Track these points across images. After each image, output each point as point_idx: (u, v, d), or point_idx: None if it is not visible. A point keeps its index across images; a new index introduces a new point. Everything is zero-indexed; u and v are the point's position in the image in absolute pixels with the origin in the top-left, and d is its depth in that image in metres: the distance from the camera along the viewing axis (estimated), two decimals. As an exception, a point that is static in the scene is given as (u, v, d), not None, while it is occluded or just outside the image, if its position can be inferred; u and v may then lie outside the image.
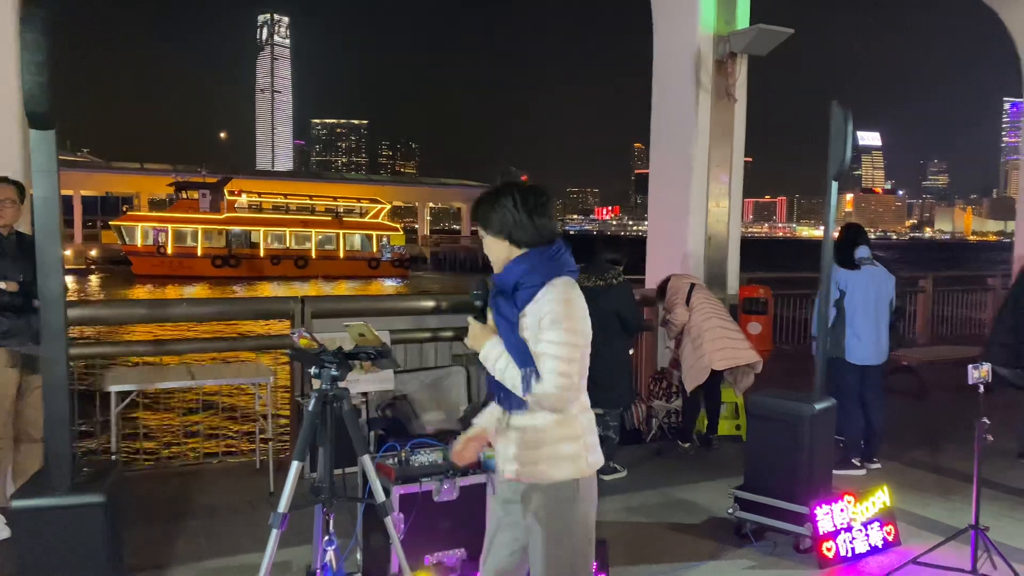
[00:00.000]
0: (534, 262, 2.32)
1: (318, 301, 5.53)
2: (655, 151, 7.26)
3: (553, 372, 2.24)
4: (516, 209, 2.34)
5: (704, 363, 5.78)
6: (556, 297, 2.29)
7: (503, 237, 2.36)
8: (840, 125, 4.16)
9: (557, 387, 2.25)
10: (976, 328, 11.70)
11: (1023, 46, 9.31)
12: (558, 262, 2.35)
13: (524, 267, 2.32)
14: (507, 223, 2.35)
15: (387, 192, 63.79)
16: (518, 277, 2.32)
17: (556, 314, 2.26)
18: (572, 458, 2.36)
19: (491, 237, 2.38)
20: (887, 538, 4.18)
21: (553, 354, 2.25)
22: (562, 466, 2.35)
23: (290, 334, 2.74)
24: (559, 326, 2.26)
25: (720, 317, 5.92)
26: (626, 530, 4.39)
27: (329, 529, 2.70)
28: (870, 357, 5.57)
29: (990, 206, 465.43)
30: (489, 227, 2.38)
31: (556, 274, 2.33)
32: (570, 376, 2.26)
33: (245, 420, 7.07)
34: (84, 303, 5.94)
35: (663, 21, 7.07)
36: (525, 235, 2.35)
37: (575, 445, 2.36)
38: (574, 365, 2.27)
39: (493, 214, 2.36)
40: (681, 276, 6.20)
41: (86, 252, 47.82)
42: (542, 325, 2.27)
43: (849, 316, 5.50)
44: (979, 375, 3.74)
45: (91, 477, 2.89)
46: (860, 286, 5.50)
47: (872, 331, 5.55)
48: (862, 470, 5.54)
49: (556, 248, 2.37)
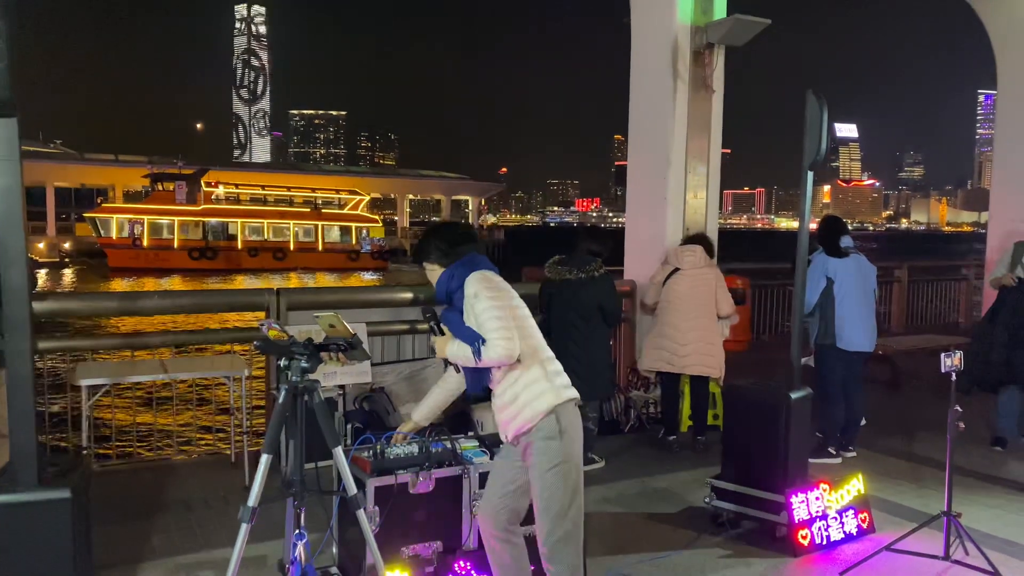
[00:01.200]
0: (453, 271, 2.99)
1: (293, 293, 5.46)
2: (633, 142, 7.25)
3: (492, 330, 2.79)
4: (441, 242, 3.06)
5: (643, 355, 5.83)
6: (472, 281, 2.91)
7: (437, 263, 3.05)
8: (815, 115, 4.16)
9: (498, 339, 2.78)
10: (950, 317, 11.85)
11: (997, 39, 9.39)
12: (470, 264, 2.98)
13: (447, 274, 3.00)
14: (439, 252, 3.06)
15: (366, 184, 63.47)
16: (446, 285, 2.99)
17: (476, 291, 2.87)
18: (542, 393, 2.88)
19: (431, 265, 3.08)
20: (861, 525, 4.21)
21: (487, 317, 2.81)
22: (536, 404, 2.86)
23: (258, 325, 2.69)
24: (481, 297, 2.85)
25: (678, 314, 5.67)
26: (604, 520, 4.39)
27: (300, 523, 2.67)
28: (863, 343, 5.59)
29: (964, 197, 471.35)
30: (429, 258, 3.08)
31: (471, 271, 2.95)
32: (507, 328, 2.81)
33: (220, 413, 7.00)
34: (53, 295, 5.84)
35: (641, 12, 7.05)
36: (448, 259, 3.04)
37: (541, 383, 2.89)
38: (505, 320, 2.83)
39: (431, 249, 3.08)
40: (681, 252, 5.84)
41: (60, 245, 47.15)
42: (473, 307, 2.86)
43: (840, 304, 5.50)
44: (952, 363, 3.77)
45: (58, 472, 2.83)
46: (849, 274, 5.53)
47: (863, 317, 5.58)
48: (837, 458, 5.58)
49: (468, 258, 3.01)
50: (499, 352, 2.78)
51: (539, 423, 2.85)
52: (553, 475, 2.86)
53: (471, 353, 2.82)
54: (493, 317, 2.81)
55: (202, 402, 7.17)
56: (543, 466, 2.86)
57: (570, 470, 2.89)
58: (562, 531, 2.89)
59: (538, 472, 2.88)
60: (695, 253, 5.79)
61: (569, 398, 2.94)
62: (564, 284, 5.27)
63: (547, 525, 2.89)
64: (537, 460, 2.88)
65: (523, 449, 2.94)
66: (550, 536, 2.89)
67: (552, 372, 2.97)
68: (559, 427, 2.86)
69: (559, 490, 2.87)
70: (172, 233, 43.43)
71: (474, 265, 2.99)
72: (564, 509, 2.88)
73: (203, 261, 42.88)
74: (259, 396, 6.17)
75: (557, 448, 2.85)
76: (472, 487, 3.49)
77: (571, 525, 2.91)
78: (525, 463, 2.94)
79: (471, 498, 3.49)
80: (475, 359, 2.81)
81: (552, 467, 2.86)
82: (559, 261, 5.36)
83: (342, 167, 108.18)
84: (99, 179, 58.52)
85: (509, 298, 2.94)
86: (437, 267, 3.05)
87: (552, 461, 2.86)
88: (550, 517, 2.88)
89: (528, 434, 2.88)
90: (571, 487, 2.89)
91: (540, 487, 2.88)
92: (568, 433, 2.88)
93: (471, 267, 2.97)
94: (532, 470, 2.90)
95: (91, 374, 4.61)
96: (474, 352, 2.81)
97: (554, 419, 2.86)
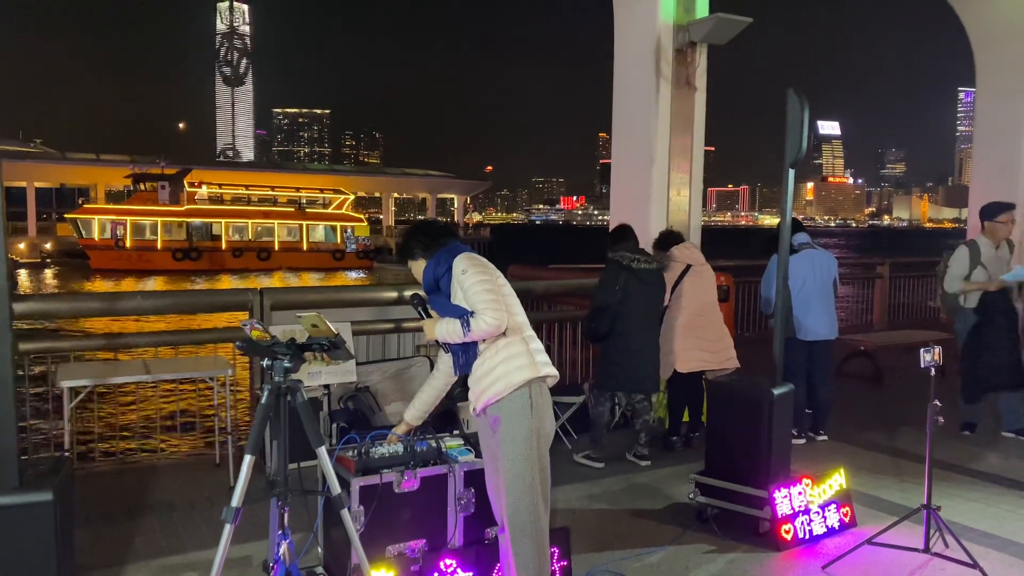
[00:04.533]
0: (438, 258, 3.07)
1: (277, 293, 5.44)
2: (617, 141, 7.28)
3: (481, 302, 2.87)
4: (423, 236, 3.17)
5: (671, 360, 5.66)
6: (461, 259, 3.00)
7: (421, 256, 3.14)
8: (797, 113, 4.19)
9: (487, 309, 2.85)
10: (931, 313, 11.96)
11: (975, 37, 9.50)
12: (452, 250, 3.07)
13: (432, 262, 3.07)
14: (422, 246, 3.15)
15: (351, 182, 63.23)
16: (433, 271, 3.06)
17: (465, 268, 2.96)
18: (520, 367, 2.94)
19: (415, 261, 3.17)
20: (843, 519, 4.26)
21: (476, 291, 2.90)
22: (512, 376, 2.92)
23: (241, 325, 2.68)
24: (469, 273, 2.94)
25: (700, 313, 5.70)
26: (589, 517, 4.41)
27: (284, 523, 2.67)
28: (822, 332, 5.85)
29: (945, 194, 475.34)
30: (413, 255, 3.17)
31: (454, 256, 3.03)
32: (495, 300, 2.88)
33: (204, 414, 6.96)
34: (34, 296, 5.79)
35: (624, 10, 7.08)
36: (430, 252, 3.13)
37: (521, 358, 2.96)
38: (494, 293, 2.91)
39: (413, 245, 3.17)
40: (686, 249, 5.82)
41: (41, 245, 46.69)
42: (462, 283, 2.94)
43: (795, 297, 5.76)
44: (931, 358, 3.81)
45: (40, 474, 2.81)
46: (801, 269, 5.78)
47: (820, 308, 5.84)
48: (802, 439, 5.79)
49: (451, 246, 3.09)
50: (488, 323, 2.84)
51: (511, 394, 2.91)
52: (520, 448, 2.91)
53: (460, 327, 2.88)
54: (482, 291, 2.89)
55: (185, 402, 7.13)
56: (511, 438, 2.92)
57: (538, 444, 2.95)
58: (527, 503, 2.93)
59: (505, 445, 2.93)
60: (697, 249, 5.92)
61: (547, 374, 3.01)
62: (646, 273, 5.28)
63: (510, 497, 2.94)
64: (505, 433, 2.93)
65: (490, 423, 3.00)
66: (513, 509, 2.94)
67: (534, 349, 3.03)
68: (531, 402, 2.92)
69: (524, 463, 2.92)
70: (155, 234, 43.12)
71: (458, 250, 3.07)
72: (529, 483, 2.93)
73: (187, 262, 42.61)
74: (243, 394, 6.15)
75: (527, 421, 2.92)
76: (457, 486, 3.50)
77: (536, 498, 2.95)
78: (495, 438, 2.99)
79: (456, 496, 3.50)
80: (463, 332, 2.87)
81: (521, 439, 2.91)
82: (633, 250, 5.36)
83: (326, 166, 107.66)
84: (80, 179, 57.97)
85: (496, 275, 3.03)
86: (422, 260, 3.13)
87: (522, 433, 2.91)
88: (515, 490, 2.93)
89: (497, 405, 2.94)
90: (536, 461, 2.94)
91: (506, 460, 2.93)
92: (538, 409, 2.95)
93: (455, 252, 3.06)
94: (500, 445, 2.95)
95: (73, 375, 4.57)
96: (463, 324, 2.87)
97: (526, 392, 2.92)
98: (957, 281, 6.04)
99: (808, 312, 5.81)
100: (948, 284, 6.11)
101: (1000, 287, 5.91)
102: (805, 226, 6.25)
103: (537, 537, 2.97)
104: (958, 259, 6.05)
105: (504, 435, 2.94)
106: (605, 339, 5.34)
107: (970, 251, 6.02)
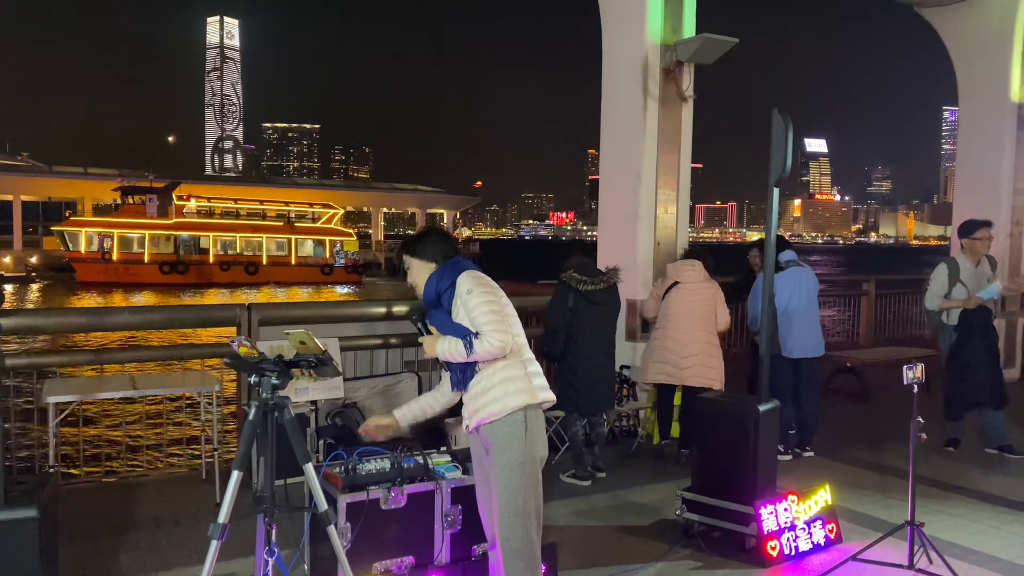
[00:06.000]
0: (442, 272, 3.05)
1: (265, 308, 5.44)
2: (605, 157, 7.33)
3: (486, 323, 2.87)
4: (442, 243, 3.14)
5: (645, 368, 5.91)
6: (465, 278, 2.97)
7: (430, 260, 3.10)
8: (781, 132, 4.25)
9: (493, 331, 2.86)
10: (917, 329, 12.05)
11: (955, 54, 9.64)
12: (458, 266, 3.05)
13: (436, 275, 3.04)
14: (437, 251, 3.12)
15: (340, 197, 63.19)
16: (435, 285, 3.03)
17: (470, 287, 2.94)
18: (518, 391, 2.94)
19: (424, 262, 3.11)
20: (829, 536, 4.28)
21: (481, 311, 2.89)
22: (509, 399, 2.92)
23: (229, 342, 2.69)
24: (475, 293, 2.92)
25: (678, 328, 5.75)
26: (576, 533, 4.41)
27: (271, 539, 2.67)
28: (806, 350, 5.92)
29: (931, 211, 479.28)
30: (426, 254, 3.12)
31: (460, 271, 3.01)
32: (500, 322, 2.89)
33: (191, 430, 6.92)
34: (20, 312, 5.76)
35: (611, 30, 7.16)
36: (440, 260, 3.10)
37: (519, 382, 2.96)
38: (498, 314, 2.91)
39: (431, 246, 3.13)
40: (681, 266, 5.91)
41: (27, 259, 46.35)
42: (465, 303, 2.92)
43: (780, 315, 5.81)
44: (913, 376, 3.86)
45: (25, 491, 2.80)
46: (787, 287, 5.84)
47: (805, 326, 5.90)
48: (788, 455, 5.83)
49: (455, 260, 3.08)
50: (493, 344, 2.86)
51: (505, 417, 2.92)
52: (514, 473, 2.92)
53: (463, 347, 2.88)
54: (488, 311, 2.89)
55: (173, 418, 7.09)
56: (505, 462, 2.93)
57: (532, 469, 2.96)
58: (519, 527, 2.94)
59: (499, 470, 2.94)
60: (695, 268, 5.90)
61: (543, 400, 3.03)
62: (594, 295, 5.32)
63: (503, 520, 2.95)
64: (499, 458, 2.94)
65: (483, 442, 3.01)
66: (506, 533, 2.94)
67: (532, 372, 3.04)
68: (525, 426, 2.93)
69: (518, 488, 2.92)
70: (142, 247, 42.90)
71: (461, 266, 3.06)
72: (522, 506, 2.94)
73: (174, 276, 42.38)
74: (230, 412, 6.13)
75: (521, 446, 2.92)
76: (444, 502, 3.50)
77: (529, 521, 2.96)
78: (487, 458, 3.01)
79: (443, 513, 3.51)
80: (466, 352, 2.87)
81: (515, 464, 2.92)
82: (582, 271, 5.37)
83: (316, 180, 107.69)
84: (68, 192, 57.66)
85: (500, 295, 3.04)
86: (428, 265, 3.10)
87: (516, 458, 2.92)
88: (508, 513, 2.94)
89: (491, 427, 2.94)
90: (531, 485, 2.96)
91: (501, 483, 2.94)
92: (532, 434, 2.95)
93: (459, 268, 3.04)
94: (494, 468, 2.97)
95: (59, 391, 4.55)
96: (466, 345, 2.87)
97: (522, 416, 2.93)
98: (936, 299, 6.12)
99: (793, 330, 5.87)
100: (928, 301, 6.21)
101: (977, 304, 5.96)
102: (792, 243, 6.32)
103: (529, 560, 2.98)
104: (937, 277, 6.13)
105: (498, 459, 2.95)
106: (561, 359, 5.40)
107: (949, 268, 6.08)
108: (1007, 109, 9.06)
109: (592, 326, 5.34)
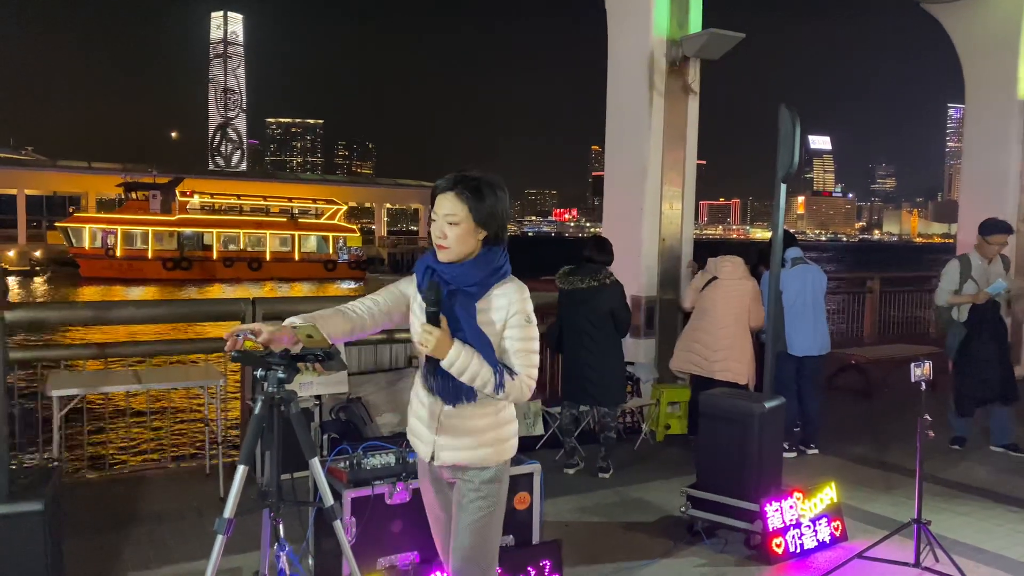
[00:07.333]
0: (502, 257, 2.36)
1: (270, 302, 5.44)
2: (610, 154, 7.31)
3: (529, 366, 2.34)
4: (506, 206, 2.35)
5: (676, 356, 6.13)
6: (524, 296, 2.35)
7: (484, 229, 2.31)
8: (788, 128, 4.23)
9: (532, 378, 2.35)
10: (921, 327, 12.02)
11: (962, 52, 9.60)
12: (508, 263, 2.40)
13: (496, 255, 2.34)
14: (499, 216, 2.32)
15: (343, 193, 63.18)
16: (493, 264, 2.33)
17: (527, 313, 2.34)
18: (512, 436, 2.52)
19: (474, 225, 2.29)
20: (834, 533, 4.26)
21: (529, 348, 2.33)
22: (504, 448, 2.49)
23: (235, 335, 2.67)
24: (531, 323, 2.35)
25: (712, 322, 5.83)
26: (580, 530, 4.40)
27: (279, 534, 2.66)
28: (811, 348, 5.93)
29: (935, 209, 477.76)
30: (491, 212, 2.30)
31: (508, 271, 2.39)
32: (537, 368, 2.37)
33: (195, 424, 6.92)
34: (26, 305, 5.77)
35: (617, 25, 7.13)
36: (503, 232, 2.36)
37: (511, 428, 2.52)
38: (538, 355, 2.38)
39: (493, 204, 2.30)
40: (720, 261, 5.97)
41: (30, 253, 46.43)
42: (512, 322, 2.33)
43: (787, 312, 5.82)
44: (921, 373, 3.84)
45: (29, 485, 2.80)
46: (794, 284, 5.86)
47: (811, 324, 5.92)
48: (792, 453, 5.82)
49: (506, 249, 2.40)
50: (525, 394, 2.36)
51: (495, 468, 2.50)
52: (487, 520, 2.50)
53: (491, 380, 2.28)
54: (534, 351, 2.35)
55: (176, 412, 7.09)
56: (479, 509, 2.49)
57: (500, 515, 2.56)
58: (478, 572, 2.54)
59: (470, 513, 2.48)
60: (734, 263, 5.98)
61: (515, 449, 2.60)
62: (575, 292, 5.41)
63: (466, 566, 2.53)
64: (473, 501, 2.48)
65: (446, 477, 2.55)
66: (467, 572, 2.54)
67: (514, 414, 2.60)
68: (506, 479, 2.57)
69: (487, 534, 2.52)
70: (146, 243, 42.98)
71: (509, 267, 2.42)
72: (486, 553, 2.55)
73: (177, 271, 42.46)
74: (234, 404, 6.13)
75: (496, 493, 2.51)
76: (449, 497, 3.49)
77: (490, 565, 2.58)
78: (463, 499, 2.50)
79: (448, 508, 3.49)
80: (495, 391, 2.30)
81: (488, 512, 2.50)
82: (569, 271, 5.49)
83: (319, 176, 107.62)
84: (71, 187, 57.70)
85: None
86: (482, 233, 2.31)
87: (489, 506, 2.50)
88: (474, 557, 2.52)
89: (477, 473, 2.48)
90: (496, 531, 2.57)
91: (470, 528, 2.49)
92: (505, 481, 2.57)
93: (509, 267, 2.41)
94: (463, 509, 2.49)
95: (63, 385, 4.55)
96: (496, 384, 2.29)
97: (505, 469, 2.56)
98: (946, 294, 6.12)
99: (799, 327, 5.88)
100: (938, 297, 6.23)
101: (985, 299, 5.97)
102: (797, 240, 6.31)
103: None
104: (948, 273, 6.13)
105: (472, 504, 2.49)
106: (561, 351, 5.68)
107: (960, 265, 6.09)
108: (1014, 106, 9.02)
109: (573, 323, 5.46)
